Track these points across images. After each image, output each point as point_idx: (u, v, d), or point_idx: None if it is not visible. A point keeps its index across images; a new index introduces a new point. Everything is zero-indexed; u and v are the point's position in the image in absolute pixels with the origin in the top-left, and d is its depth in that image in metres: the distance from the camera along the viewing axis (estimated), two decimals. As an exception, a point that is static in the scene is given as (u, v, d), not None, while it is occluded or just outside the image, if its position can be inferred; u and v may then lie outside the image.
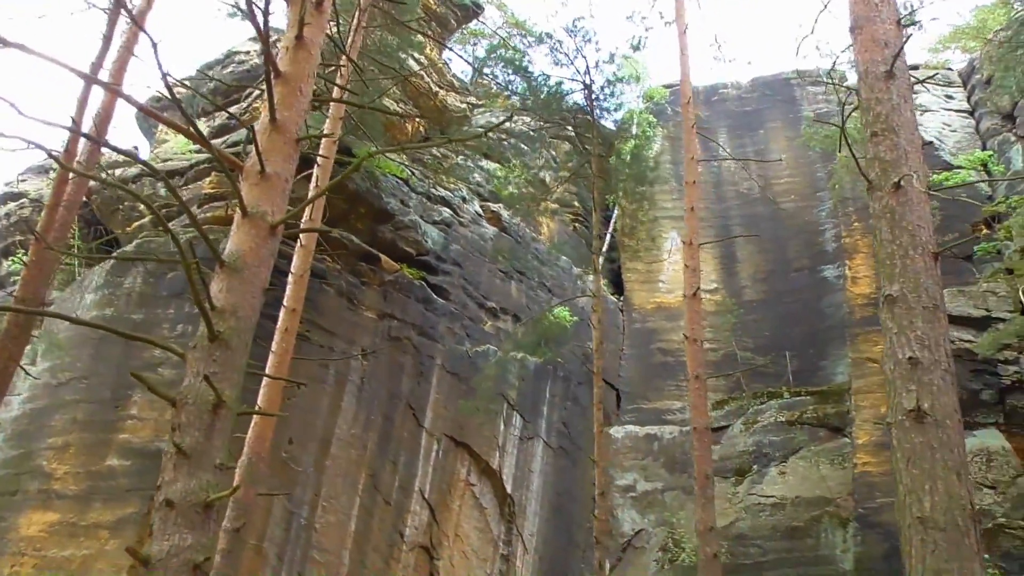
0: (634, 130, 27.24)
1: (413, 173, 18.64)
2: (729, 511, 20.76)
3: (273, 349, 10.98)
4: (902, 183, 6.44)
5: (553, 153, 23.49)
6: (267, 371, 10.41)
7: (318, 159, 11.79)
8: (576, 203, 25.82)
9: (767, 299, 24.69)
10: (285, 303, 11.45)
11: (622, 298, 25.46)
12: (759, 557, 19.70)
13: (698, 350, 10.40)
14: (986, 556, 14.65)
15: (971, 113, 24.86)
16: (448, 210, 19.08)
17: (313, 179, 11.74)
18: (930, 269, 6.12)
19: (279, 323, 11.48)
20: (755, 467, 21.38)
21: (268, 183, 5.58)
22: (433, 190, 19.04)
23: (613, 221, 25.70)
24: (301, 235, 11.61)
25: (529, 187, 20.68)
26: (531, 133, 19.35)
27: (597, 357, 16.18)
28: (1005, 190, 21.34)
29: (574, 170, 16.38)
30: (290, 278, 11.66)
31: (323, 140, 11.22)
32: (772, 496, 20.61)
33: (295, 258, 11.94)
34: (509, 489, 18.56)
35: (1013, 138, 21.48)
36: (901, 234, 6.27)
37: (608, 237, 25.13)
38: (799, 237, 25.20)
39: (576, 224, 25.50)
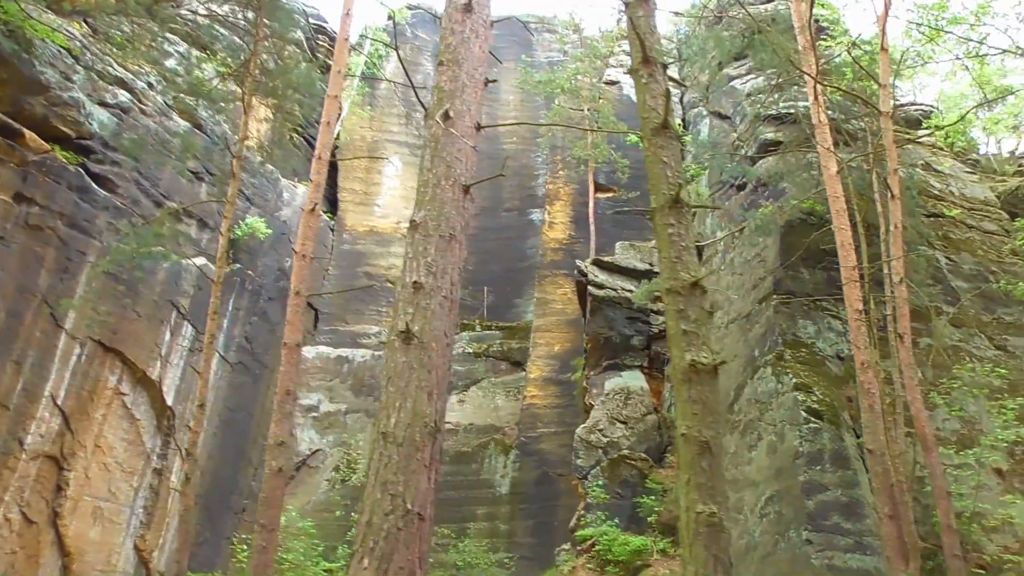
0: (367, 48, 26.38)
1: (85, 45, 16.47)
2: (406, 435, 21.26)
3: None
4: (450, 114, 6.50)
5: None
6: None
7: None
8: (297, 111, 24.54)
9: (475, 235, 25.20)
10: None
11: (335, 217, 24.90)
12: (427, 479, 20.41)
13: (305, 266, 10.20)
14: (602, 482, 16.22)
15: (681, 83, 26.83)
16: (127, 94, 17.16)
17: None
18: (457, 200, 6.25)
19: None
20: (438, 394, 22.02)
21: None
22: (110, 68, 16.99)
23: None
24: None
25: (236, 84, 19.11)
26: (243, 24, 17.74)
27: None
28: (691, 160, 23.33)
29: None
30: None
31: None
32: (449, 423, 21.40)
33: None
34: (170, 402, 17.53)
35: (705, 112, 23.47)
36: (439, 164, 6.35)
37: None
38: (515, 179, 26.04)
39: (294, 133, 24.28)
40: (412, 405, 5.44)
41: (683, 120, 25.00)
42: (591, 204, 23.12)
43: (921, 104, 22.01)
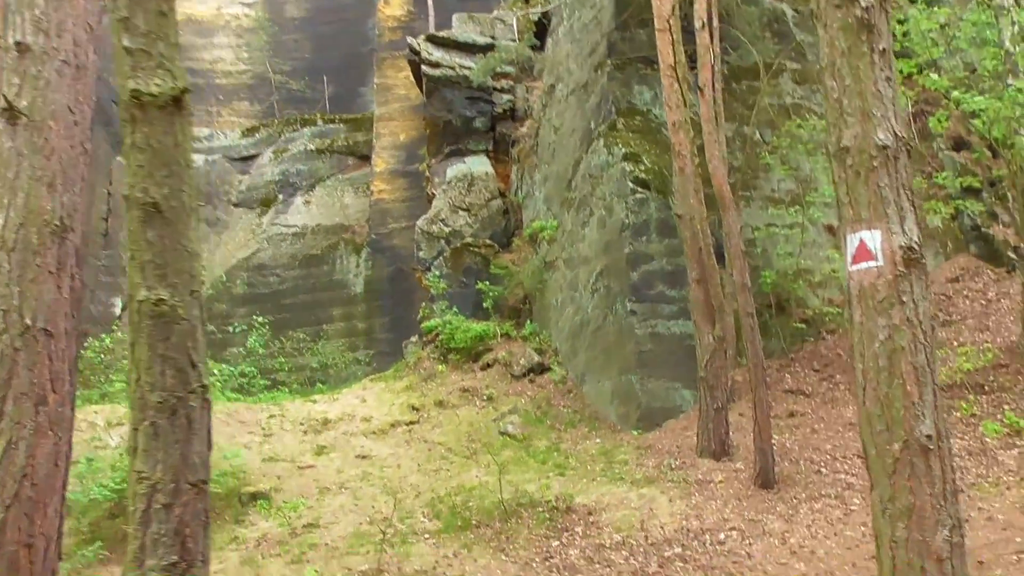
0: None
1: None
2: (251, 242, 20.16)
3: None
4: None
5: None
6: None
7: None
8: None
9: (309, 17, 22.83)
10: None
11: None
12: (278, 286, 19.65)
13: None
14: (445, 272, 15.70)
15: None
16: None
17: None
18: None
19: None
20: (281, 197, 20.73)
21: None
22: None
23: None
24: None
25: None
26: None
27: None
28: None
29: None
30: None
31: None
32: (294, 226, 20.31)
33: None
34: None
35: None
36: None
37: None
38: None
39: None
40: (25, 201, 4.32)
41: None
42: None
43: None
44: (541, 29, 18.06)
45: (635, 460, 10.02)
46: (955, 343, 11.52)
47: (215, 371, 13.03)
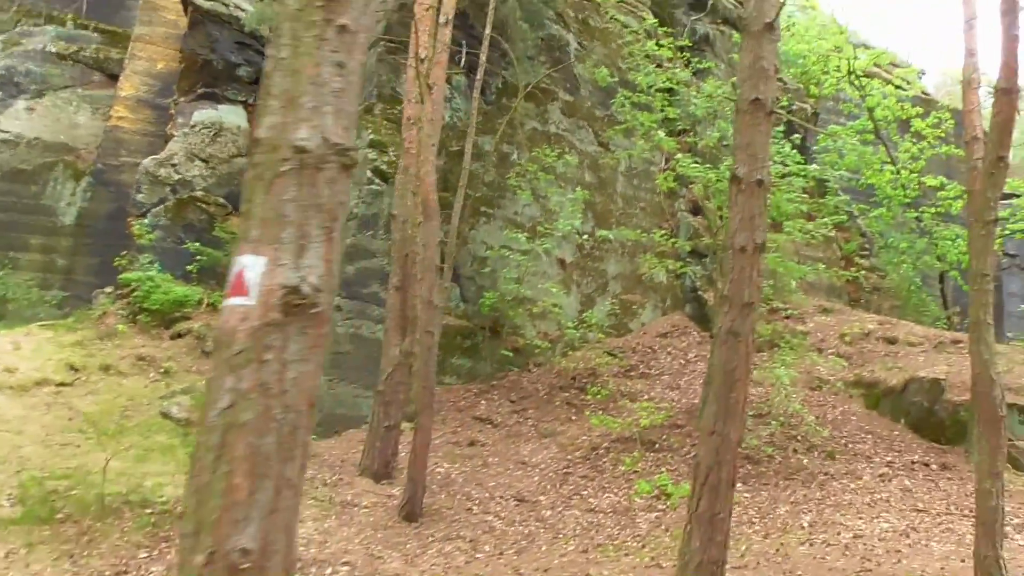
0: None
1: None
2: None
3: None
4: None
5: None
6: None
7: None
8: None
9: (81, -97, 19.92)
10: None
11: None
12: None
13: None
14: (162, 222, 14.03)
15: None
16: None
17: None
18: None
19: None
20: (0, 96, 17.76)
21: None
22: None
23: None
24: None
25: None
26: None
27: None
28: None
29: None
30: None
31: None
32: (7, 132, 17.43)
33: None
34: None
35: None
36: None
37: None
38: None
39: None
40: None
41: None
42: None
43: None
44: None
45: (292, 467, 9.15)
46: (645, 397, 11.84)
47: None
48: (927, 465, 9.70)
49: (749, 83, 4.79)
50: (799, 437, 10.38)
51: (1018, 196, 17.66)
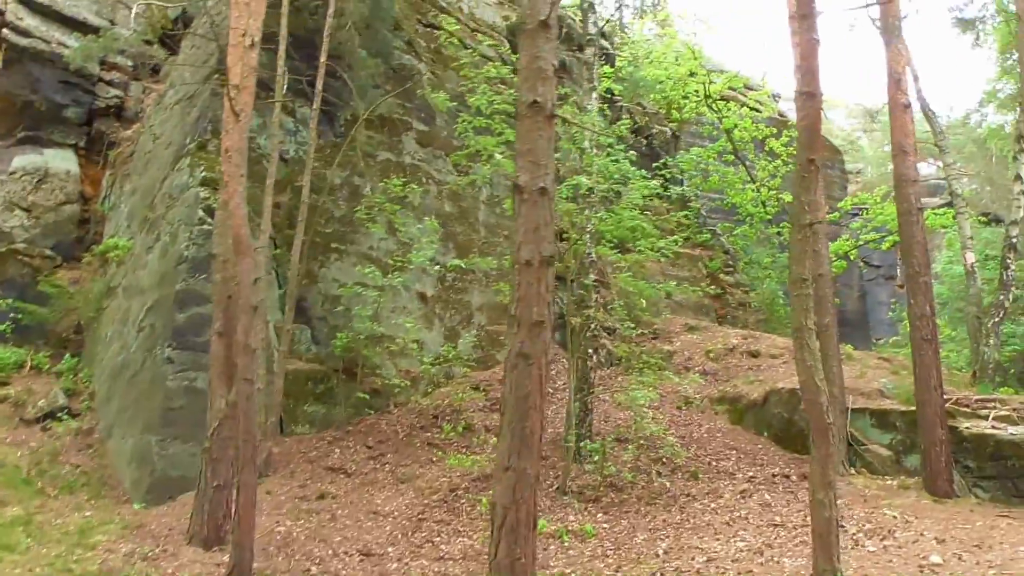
0: None
1: None
2: None
3: None
4: None
5: None
6: None
7: None
8: None
9: None
10: None
11: None
12: None
13: None
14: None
15: None
16: None
17: None
18: None
19: None
20: None
21: None
22: None
23: None
24: None
25: None
26: None
27: None
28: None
29: None
30: None
31: None
32: None
33: None
34: None
35: None
36: None
37: None
38: None
39: None
40: None
41: None
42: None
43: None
44: (187, 27, 15.90)
45: (109, 544, 8.15)
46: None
47: None
48: (787, 477, 9.59)
49: (527, 84, 4.45)
50: (663, 460, 10.13)
51: (866, 209, 18.42)
